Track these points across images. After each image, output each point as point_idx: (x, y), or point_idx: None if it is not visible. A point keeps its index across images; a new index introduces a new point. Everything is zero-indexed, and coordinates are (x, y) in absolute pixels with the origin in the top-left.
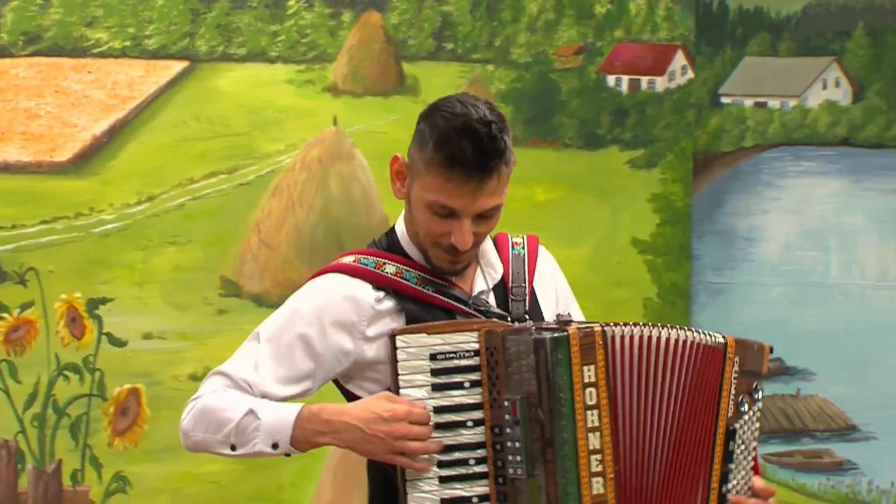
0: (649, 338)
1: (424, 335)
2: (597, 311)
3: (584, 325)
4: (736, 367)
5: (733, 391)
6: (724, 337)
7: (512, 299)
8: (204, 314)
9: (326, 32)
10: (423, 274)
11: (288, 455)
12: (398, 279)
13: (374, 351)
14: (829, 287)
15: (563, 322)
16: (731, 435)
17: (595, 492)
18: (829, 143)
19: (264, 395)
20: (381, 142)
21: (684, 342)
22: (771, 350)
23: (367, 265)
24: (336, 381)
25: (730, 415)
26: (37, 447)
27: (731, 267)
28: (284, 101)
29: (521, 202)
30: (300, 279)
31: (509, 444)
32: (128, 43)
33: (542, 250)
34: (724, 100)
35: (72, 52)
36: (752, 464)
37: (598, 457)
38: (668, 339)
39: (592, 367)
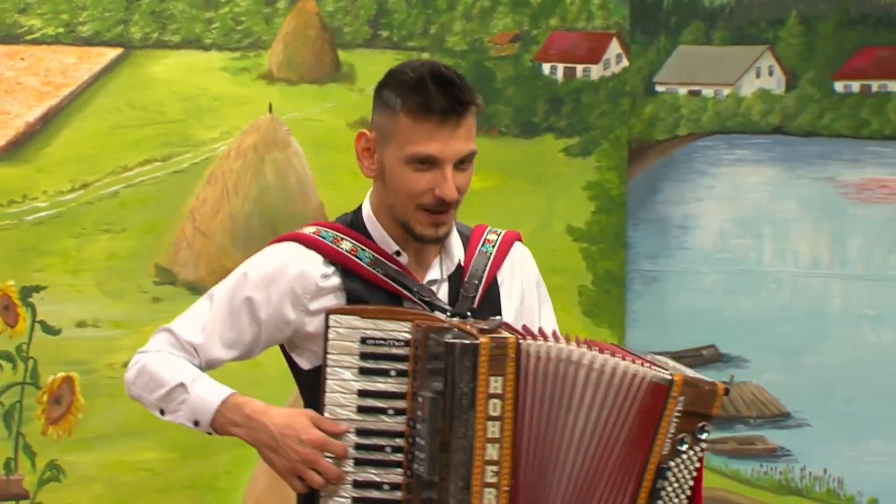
0: (569, 357)
1: (357, 318)
2: None
3: (500, 336)
4: (680, 406)
5: (672, 430)
6: (671, 374)
7: (462, 294)
8: (138, 302)
9: (261, 19)
10: (377, 255)
11: (210, 434)
12: (351, 256)
13: (313, 325)
14: (763, 275)
15: (486, 329)
16: (661, 473)
17: (486, 502)
18: (763, 132)
19: (209, 358)
20: (317, 129)
21: (614, 370)
22: (727, 392)
23: (324, 238)
24: (282, 347)
25: (664, 453)
26: None
27: (665, 255)
28: (219, 88)
29: None
30: (235, 267)
31: (418, 440)
32: (61, 30)
33: (518, 248)
34: (659, 88)
35: (4, 39)
36: (685, 503)
37: (495, 468)
38: (597, 363)
39: (500, 378)
